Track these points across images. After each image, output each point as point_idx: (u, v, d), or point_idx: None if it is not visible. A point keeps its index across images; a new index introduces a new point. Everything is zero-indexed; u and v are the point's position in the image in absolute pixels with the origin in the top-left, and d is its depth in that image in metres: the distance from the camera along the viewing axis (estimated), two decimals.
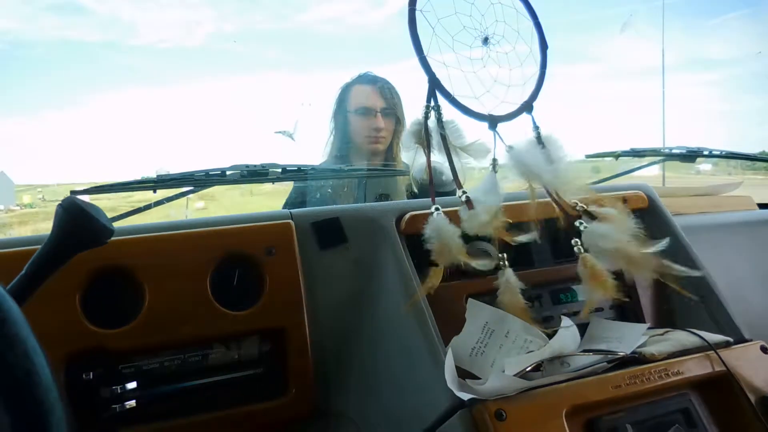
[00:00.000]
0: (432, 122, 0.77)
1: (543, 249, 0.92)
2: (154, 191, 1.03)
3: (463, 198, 0.76)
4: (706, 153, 1.47)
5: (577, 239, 0.76)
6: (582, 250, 0.75)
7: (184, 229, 0.79)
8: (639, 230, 0.73)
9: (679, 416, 0.72)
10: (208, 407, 0.77)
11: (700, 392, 0.75)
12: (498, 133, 0.79)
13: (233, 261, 0.78)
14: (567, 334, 0.80)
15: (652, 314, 0.92)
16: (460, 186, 0.77)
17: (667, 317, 0.92)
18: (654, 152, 1.43)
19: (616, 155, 1.38)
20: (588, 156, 1.39)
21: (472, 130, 0.82)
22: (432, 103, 0.77)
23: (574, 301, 0.90)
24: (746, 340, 0.82)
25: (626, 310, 0.92)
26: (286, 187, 1.62)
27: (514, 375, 0.69)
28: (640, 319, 0.90)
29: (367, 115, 1.59)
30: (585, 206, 0.76)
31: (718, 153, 1.48)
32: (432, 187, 0.77)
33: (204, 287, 0.75)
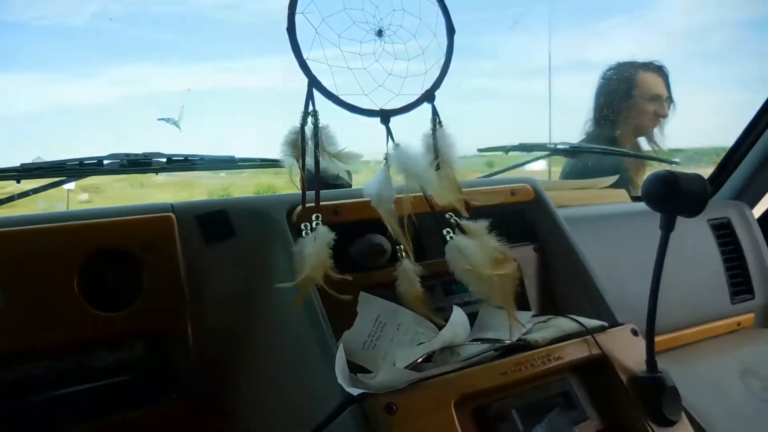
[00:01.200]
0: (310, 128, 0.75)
1: (435, 241, 0.92)
2: (18, 181, 0.93)
3: None
4: (586, 149, 1.56)
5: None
6: None
7: (51, 223, 0.72)
8: (500, 250, 0.74)
9: (561, 399, 0.76)
10: (82, 417, 0.70)
11: (579, 375, 0.79)
12: (389, 129, 0.79)
13: (108, 258, 0.72)
14: (457, 324, 0.81)
15: (538, 302, 0.97)
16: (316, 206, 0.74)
17: (551, 305, 0.96)
18: (541, 147, 1.51)
19: (506, 150, 1.44)
20: (480, 150, 1.43)
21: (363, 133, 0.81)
22: (310, 108, 0.74)
23: (465, 291, 0.92)
24: (619, 324, 0.87)
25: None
26: (183, 179, 1.54)
27: (405, 367, 0.69)
28: (526, 307, 0.93)
29: (656, 101, 1.74)
30: (457, 219, 0.77)
31: (597, 149, 1.58)
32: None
33: (70, 287, 0.68)
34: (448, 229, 0.78)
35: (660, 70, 1.80)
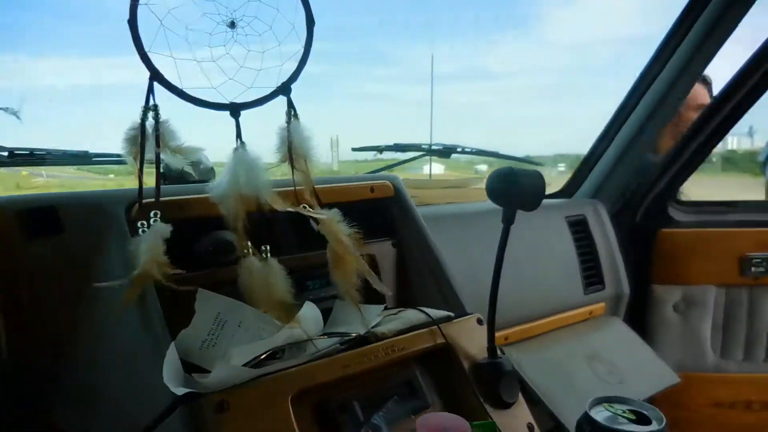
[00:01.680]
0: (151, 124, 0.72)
1: (289, 237, 0.92)
2: None
3: None
4: (459, 150, 1.62)
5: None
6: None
7: None
8: (351, 237, 0.76)
9: (404, 388, 0.78)
10: None
11: (424, 364, 0.82)
12: (239, 123, 0.77)
13: None
14: (308, 320, 0.81)
15: (395, 296, 0.99)
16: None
17: (407, 298, 0.99)
18: (415, 147, 1.54)
19: (381, 149, 1.46)
20: (354, 149, 1.44)
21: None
22: (151, 103, 0.71)
23: (321, 287, 0.92)
24: (467, 314, 0.91)
25: (371, 293, 0.96)
26: (67, 180, 1.42)
27: (244, 365, 0.68)
28: (382, 301, 0.95)
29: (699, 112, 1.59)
30: (311, 210, 0.77)
31: (469, 150, 1.64)
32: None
33: None
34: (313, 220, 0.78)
35: (706, 82, 1.80)
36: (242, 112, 0.77)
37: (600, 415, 0.64)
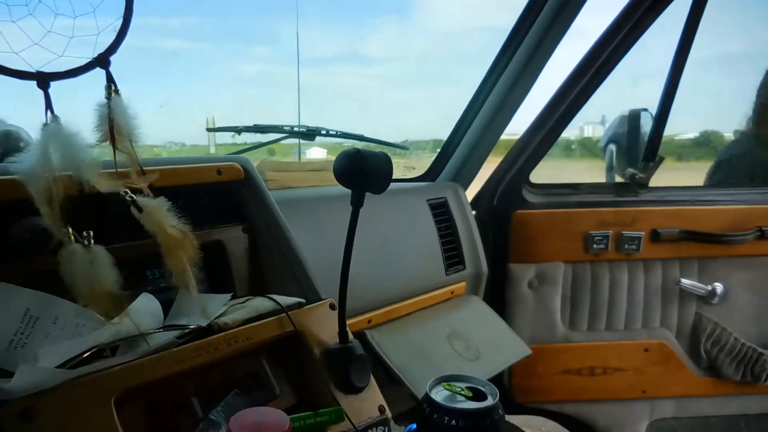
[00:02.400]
0: None
1: (126, 222, 0.84)
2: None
3: None
4: (323, 132, 1.59)
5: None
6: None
7: None
8: (179, 229, 0.71)
9: (250, 379, 0.74)
10: None
11: (273, 353, 0.79)
12: (48, 95, 0.68)
13: None
14: (142, 312, 0.75)
15: (246, 283, 0.94)
16: None
17: (260, 285, 0.95)
18: (276, 129, 1.49)
19: (239, 130, 1.40)
20: (208, 129, 1.36)
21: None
22: None
23: (162, 277, 0.85)
24: (321, 300, 0.89)
25: (219, 282, 0.91)
26: None
27: (60, 365, 0.61)
28: (231, 289, 0.90)
29: None
30: (133, 196, 0.71)
31: (333, 132, 1.62)
32: None
33: None
34: (134, 207, 0.71)
35: None
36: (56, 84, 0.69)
37: (439, 395, 0.64)
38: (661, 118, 1.69)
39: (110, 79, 0.72)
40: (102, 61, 0.72)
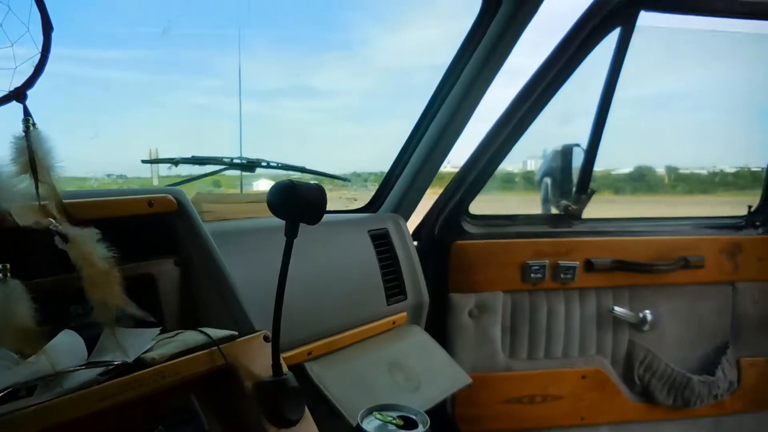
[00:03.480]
0: None
1: (50, 255, 0.81)
2: None
3: None
4: (264, 164, 1.59)
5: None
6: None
7: None
8: (106, 261, 0.70)
9: (177, 416, 0.72)
10: None
11: (203, 388, 0.77)
12: None
13: None
14: (62, 350, 0.71)
15: (178, 317, 0.92)
16: None
17: (192, 319, 0.93)
18: (216, 160, 1.48)
19: (176, 162, 1.38)
20: (144, 161, 1.34)
21: None
22: None
23: (87, 312, 0.82)
24: (255, 332, 0.88)
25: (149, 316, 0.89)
26: None
27: None
28: (161, 323, 0.88)
29: None
30: (57, 227, 0.69)
31: (275, 164, 1.62)
32: None
33: None
34: (59, 238, 0.69)
35: None
36: None
37: (371, 424, 0.65)
38: (591, 152, 1.78)
39: (27, 113, 0.71)
40: (19, 94, 0.71)
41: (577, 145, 1.88)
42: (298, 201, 0.81)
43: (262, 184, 2.21)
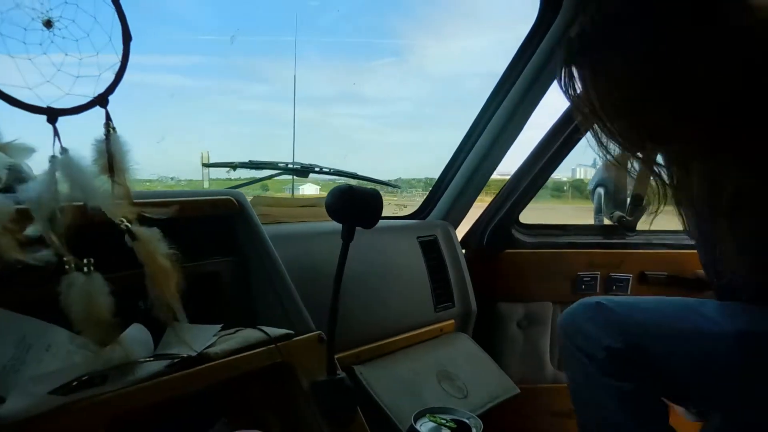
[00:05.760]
0: None
1: (119, 253, 0.86)
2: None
3: None
4: (317, 170, 1.63)
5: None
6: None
7: None
8: (168, 258, 0.73)
9: (237, 408, 0.75)
10: None
11: (261, 383, 0.80)
12: (56, 129, 0.71)
13: None
14: (133, 341, 0.76)
15: (237, 315, 0.95)
16: None
17: (250, 316, 0.96)
18: (271, 165, 1.53)
19: (234, 166, 1.43)
20: (204, 165, 1.39)
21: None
22: None
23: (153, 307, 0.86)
24: (311, 332, 0.90)
25: (210, 312, 0.92)
26: None
27: (52, 392, 0.62)
28: (223, 319, 0.91)
29: None
30: (128, 225, 0.73)
31: (327, 170, 1.65)
32: None
33: None
34: (128, 235, 0.74)
35: None
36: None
37: (424, 426, 0.66)
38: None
39: (108, 117, 0.76)
40: (102, 100, 0.76)
41: None
42: (356, 205, 0.84)
43: (308, 188, 2.26)
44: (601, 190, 1.87)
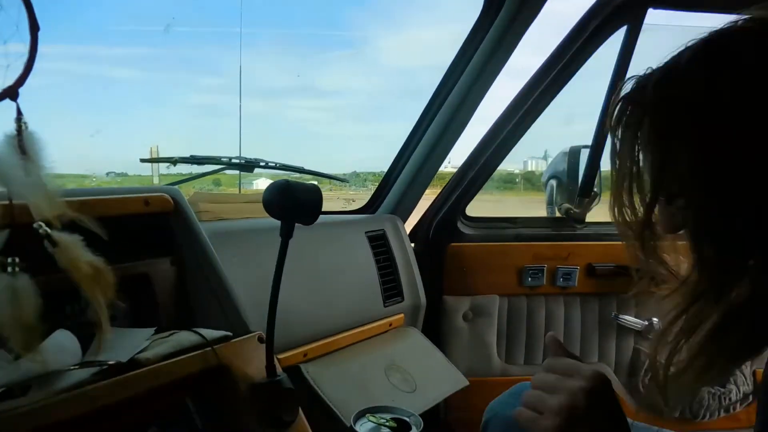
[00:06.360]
0: None
1: (44, 254, 0.81)
2: None
3: None
4: (262, 164, 1.59)
5: None
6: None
7: None
8: (93, 265, 0.69)
9: (170, 415, 0.72)
10: None
11: (197, 388, 0.77)
12: None
13: None
14: (58, 349, 0.71)
15: (173, 317, 0.92)
16: None
17: (187, 319, 0.92)
18: (214, 160, 1.48)
19: (174, 161, 1.38)
20: (142, 160, 1.34)
21: None
22: None
23: (83, 311, 0.82)
24: (250, 333, 0.88)
25: (144, 316, 0.89)
26: None
27: None
28: (157, 323, 0.88)
29: None
30: (47, 230, 0.69)
31: (273, 164, 1.62)
32: None
33: None
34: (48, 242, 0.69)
35: None
36: None
37: (364, 427, 0.65)
38: (596, 154, 1.73)
39: (19, 112, 0.71)
40: (11, 93, 0.71)
41: (587, 146, 1.81)
42: (294, 201, 0.81)
43: (262, 183, 2.21)
44: (553, 182, 1.88)
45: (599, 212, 1.83)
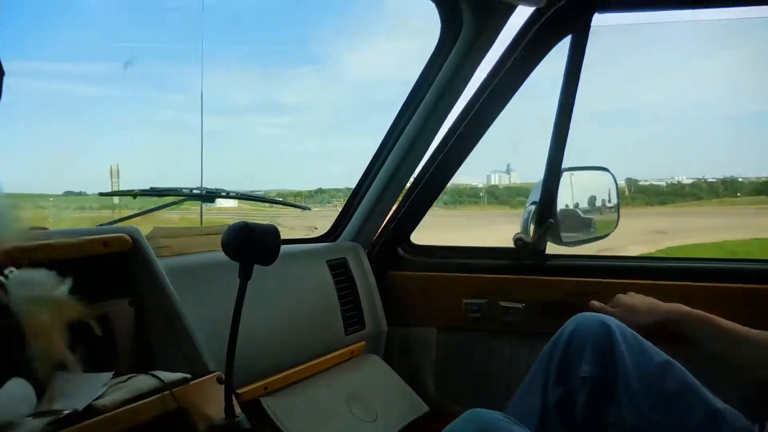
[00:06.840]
0: None
1: None
2: None
3: None
4: (223, 194, 1.59)
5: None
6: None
7: None
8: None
9: None
10: None
11: None
12: None
13: None
14: (11, 398, 0.71)
15: (131, 360, 0.92)
16: None
17: (145, 361, 0.92)
18: (175, 192, 1.48)
19: (134, 194, 1.37)
20: (102, 194, 1.33)
21: None
22: None
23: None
24: (209, 374, 0.88)
25: (102, 359, 0.88)
26: None
27: None
28: (114, 367, 0.88)
29: None
30: (5, 276, 0.69)
31: (234, 194, 1.63)
32: None
33: None
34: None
35: None
36: None
37: None
38: (551, 178, 1.54)
39: None
40: None
41: (569, 169, 1.56)
42: (252, 243, 0.83)
43: (226, 203, 2.19)
44: (531, 208, 1.60)
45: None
